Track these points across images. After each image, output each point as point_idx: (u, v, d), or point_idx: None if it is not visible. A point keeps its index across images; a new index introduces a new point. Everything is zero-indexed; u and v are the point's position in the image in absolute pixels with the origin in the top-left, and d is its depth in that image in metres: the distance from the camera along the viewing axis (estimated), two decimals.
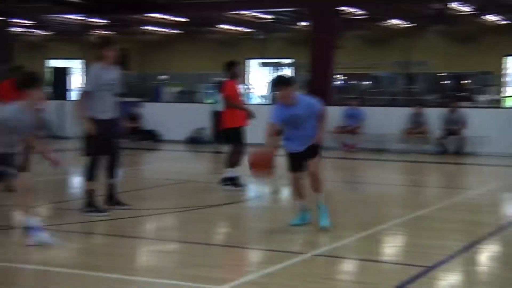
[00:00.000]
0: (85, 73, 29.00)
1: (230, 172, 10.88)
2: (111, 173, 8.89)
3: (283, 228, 8.26)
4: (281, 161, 7.88)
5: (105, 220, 8.52)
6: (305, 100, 7.84)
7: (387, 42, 29.22)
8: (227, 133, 11.10)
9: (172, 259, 6.73)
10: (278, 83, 7.84)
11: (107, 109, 8.68)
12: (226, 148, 11.33)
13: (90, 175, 8.66)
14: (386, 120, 18.80)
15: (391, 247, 7.63)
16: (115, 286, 5.71)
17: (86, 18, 26.31)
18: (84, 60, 28.44)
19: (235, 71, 11.35)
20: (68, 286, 5.70)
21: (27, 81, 7.15)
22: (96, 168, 8.70)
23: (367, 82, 30.14)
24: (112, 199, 8.97)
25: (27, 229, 6.89)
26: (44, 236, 6.88)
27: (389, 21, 28.19)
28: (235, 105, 10.91)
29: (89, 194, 8.66)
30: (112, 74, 8.80)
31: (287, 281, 5.85)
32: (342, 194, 11.23)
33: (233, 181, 10.84)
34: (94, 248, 7.25)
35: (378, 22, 28.54)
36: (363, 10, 25.23)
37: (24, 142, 7.39)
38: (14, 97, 10.20)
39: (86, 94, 8.69)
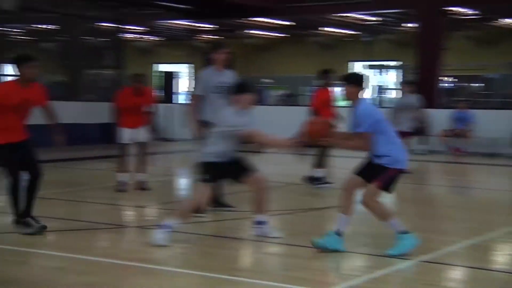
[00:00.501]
0: (193, 77, 29.59)
1: (317, 172, 11.17)
2: None
3: (387, 232, 8.14)
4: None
5: (212, 221, 8.67)
6: None
7: (498, 42, 28.30)
8: None
9: (276, 261, 6.77)
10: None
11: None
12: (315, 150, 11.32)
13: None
14: (497, 124, 18.20)
15: (502, 255, 7.38)
16: (219, 286, 5.78)
17: (193, 24, 26.87)
18: (191, 64, 29.02)
19: (328, 80, 11.37)
20: (173, 285, 5.81)
21: (241, 87, 7.51)
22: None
23: (477, 84, 29.30)
24: (218, 201, 9.10)
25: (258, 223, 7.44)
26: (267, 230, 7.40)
27: (500, 20, 27.29)
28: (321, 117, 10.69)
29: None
30: (224, 77, 8.86)
31: (392, 286, 5.77)
32: (450, 199, 10.97)
33: (319, 181, 11.13)
34: (200, 249, 7.36)
35: (489, 22, 27.68)
36: (472, 9, 24.55)
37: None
38: (134, 103, 10.63)
39: (197, 97, 8.87)
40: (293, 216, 9.19)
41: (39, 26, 28.99)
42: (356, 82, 6.98)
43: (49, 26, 28.61)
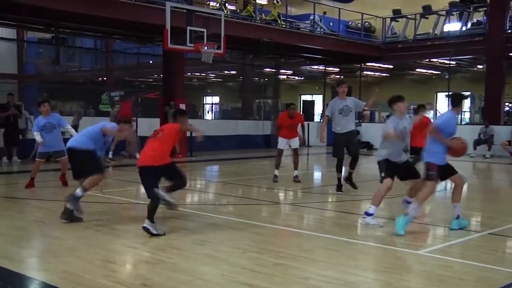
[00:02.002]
0: (325, 104, 29.51)
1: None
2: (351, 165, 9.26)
3: (465, 213, 7.70)
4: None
5: (334, 201, 8.62)
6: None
7: None
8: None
9: (381, 230, 6.57)
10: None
11: (342, 126, 8.99)
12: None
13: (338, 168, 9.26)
14: None
15: None
16: (340, 245, 5.70)
17: (325, 67, 26.72)
18: (323, 95, 28.91)
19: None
20: (310, 243, 5.80)
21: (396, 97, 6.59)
22: (338, 165, 9.25)
23: None
24: (350, 182, 9.37)
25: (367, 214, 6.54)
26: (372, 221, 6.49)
27: None
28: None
29: (339, 180, 9.32)
30: (345, 103, 8.97)
31: (465, 251, 5.46)
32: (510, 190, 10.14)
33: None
34: (325, 219, 7.30)
35: None
36: None
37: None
38: (289, 122, 10.70)
39: (327, 117, 9.11)
40: (395, 199, 8.87)
41: (226, 71, 30.09)
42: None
43: (232, 72, 29.59)
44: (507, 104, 27.21)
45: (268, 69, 26.44)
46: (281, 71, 28.28)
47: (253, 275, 4.48)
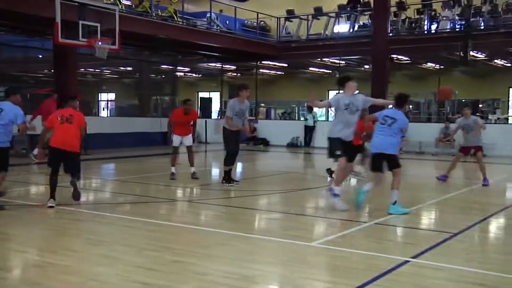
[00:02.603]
0: (222, 101, 29.62)
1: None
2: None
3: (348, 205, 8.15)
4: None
5: (232, 197, 8.69)
6: None
7: (424, 78, 28.17)
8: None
9: (276, 224, 6.76)
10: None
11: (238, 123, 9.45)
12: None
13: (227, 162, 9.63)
14: (423, 132, 18.22)
15: (428, 218, 7.35)
16: (237, 240, 5.74)
17: (222, 65, 26.85)
18: (220, 92, 29.02)
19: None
20: (209, 239, 5.81)
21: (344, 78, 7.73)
22: (228, 158, 9.64)
23: (411, 106, 29.08)
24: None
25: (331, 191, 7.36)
26: (338, 203, 7.27)
27: (425, 64, 27.17)
28: None
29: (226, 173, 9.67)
30: (243, 105, 9.53)
31: (355, 240, 5.76)
32: None
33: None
34: (223, 215, 7.35)
35: (418, 65, 27.56)
36: (407, 56, 24.45)
37: None
38: (183, 120, 10.55)
39: (227, 117, 9.47)
40: (289, 193, 9.15)
41: (122, 68, 29.12)
42: None
43: (128, 68, 28.70)
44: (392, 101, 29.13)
45: (165, 66, 25.99)
46: (178, 68, 27.95)
47: (149, 273, 4.38)
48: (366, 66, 26.12)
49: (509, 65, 26.34)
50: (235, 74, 32.79)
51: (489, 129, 17.35)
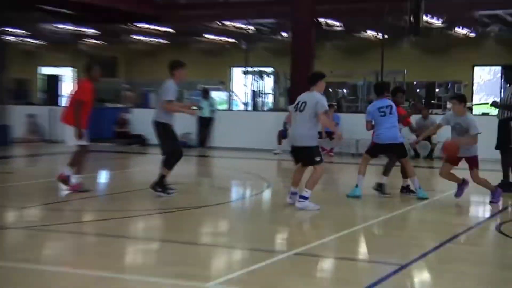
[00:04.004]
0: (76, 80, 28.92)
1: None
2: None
3: (267, 227, 8.27)
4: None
5: (90, 221, 8.52)
6: None
7: (363, 52, 29.35)
8: None
9: (157, 258, 6.70)
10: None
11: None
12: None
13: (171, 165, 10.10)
14: (360, 126, 18.78)
15: (367, 246, 7.63)
16: (101, 283, 5.65)
17: (76, 28, 26.19)
18: (75, 68, 28.31)
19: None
20: (56, 284, 5.63)
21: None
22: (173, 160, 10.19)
23: (345, 90, 30.23)
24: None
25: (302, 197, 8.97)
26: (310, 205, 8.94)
27: (364, 32, 28.33)
28: None
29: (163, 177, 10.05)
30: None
31: (267, 278, 5.84)
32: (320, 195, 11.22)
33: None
34: (82, 247, 7.19)
35: (354, 33, 28.68)
36: (340, 22, 25.33)
37: None
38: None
39: (170, 102, 10.09)
40: (175, 214, 9.12)
41: None
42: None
43: None
44: None
45: None
46: (7, 29, 26.77)
47: None
48: (284, 34, 26.74)
49: (473, 35, 28.10)
50: (97, 42, 32.17)
51: None
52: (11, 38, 30.20)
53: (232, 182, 13.39)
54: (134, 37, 30.67)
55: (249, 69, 29.62)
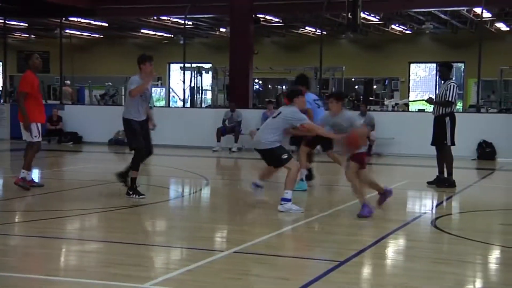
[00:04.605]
0: (8, 78, 28.29)
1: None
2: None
3: (206, 226, 8.29)
4: None
5: (25, 221, 8.38)
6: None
7: (302, 48, 29.62)
8: None
9: (94, 259, 6.64)
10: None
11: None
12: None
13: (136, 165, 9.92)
14: None
15: (305, 243, 7.73)
16: (37, 286, 5.57)
17: (4, 20, 25.51)
18: (2, 63, 27.61)
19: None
20: None
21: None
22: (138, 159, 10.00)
23: (284, 86, 30.45)
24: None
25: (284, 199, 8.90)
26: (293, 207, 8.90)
27: (303, 29, 28.59)
28: None
29: (134, 180, 9.91)
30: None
31: (205, 277, 5.86)
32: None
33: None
34: (13, 249, 7.05)
35: (293, 30, 28.92)
36: (279, 18, 25.51)
37: None
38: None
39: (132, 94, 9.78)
40: (112, 213, 9.04)
41: None
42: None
43: None
44: (256, 81, 30.23)
45: None
46: None
47: None
48: (223, 30, 26.77)
49: (409, 32, 28.75)
50: (27, 36, 31.49)
51: (385, 119, 18.91)
52: None
53: (171, 180, 13.34)
54: (67, 31, 30.17)
55: (187, 65, 29.51)
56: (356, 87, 31.51)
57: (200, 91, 28.96)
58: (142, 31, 29.90)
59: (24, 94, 10.26)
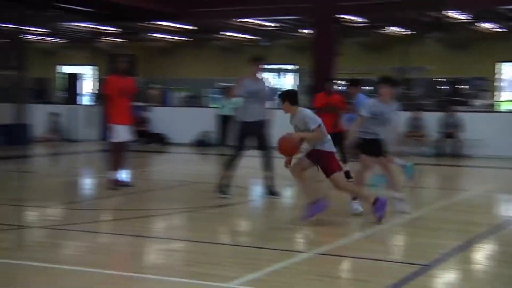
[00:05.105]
0: (100, 81, 29.06)
1: None
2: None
3: (288, 227, 8.28)
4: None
5: (114, 220, 8.59)
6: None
7: (386, 48, 29.21)
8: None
9: (179, 258, 6.75)
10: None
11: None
12: None
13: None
14: None
15: (390, 246, 7.63)
16: (124, 283, 5.71)
17: (96, 26, 26.36)
18: (95, 66, 28.45)
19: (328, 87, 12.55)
20: (75, 284, 5.69)
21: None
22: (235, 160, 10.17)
23: (367, 87, 30.08)
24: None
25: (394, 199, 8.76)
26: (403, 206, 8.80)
27: (387, 28, 28.20)
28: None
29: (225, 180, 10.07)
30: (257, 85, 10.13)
31: (289, 278, 5.87)
32: None
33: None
34: (101, 247, 7.26)
35: (377, 30, 28.56)
36: (362, 18, 25.26)
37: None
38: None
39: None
40: (197, 213, 9.17)
41: None
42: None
43: None
44: (340, 82, 29.93)
45: (5, 25, 25.01)
46: (27, 28, 27.00)
47: None
48: (305, 31, 26.70)
49: (498, 29, 27.83)
50: (117, 39, 32.34)
51: (473, 120, 18.43)
52: (30, 37, 30.47)
53: (252, 181, 13.40)
54: (153, 35, 30.82)
55: (269, 66, 29.61)
56: (442, 87, 30.78)
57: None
58: (226, 33, 30.18)
59: (107, 96, 10.53)
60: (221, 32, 29.80)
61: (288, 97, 8.15)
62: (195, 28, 28.20)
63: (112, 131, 10.52)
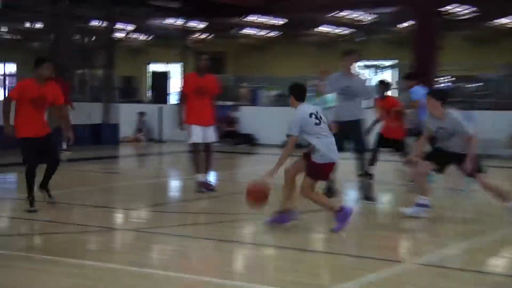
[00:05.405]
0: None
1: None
2: None
3: (385, 234, 8.17)
4: None
5: (201, 223, 8.73)
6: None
7: (495, 42, 28.36)
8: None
9: (268, 264, 6.76)
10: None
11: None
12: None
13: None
14: (493, 125, 18.16)
15: (501, 258, 7.38)
16: None
17: (185, 23, 26.82)
18: (183, 64, 28.92)
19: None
20: None
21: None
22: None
23: (474, 85, 29.27)
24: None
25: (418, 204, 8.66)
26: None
27: (496, 20, 27.37)
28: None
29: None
30: (351, 81, 10.06)
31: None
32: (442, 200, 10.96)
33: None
34: (188, 251, 7.35)
35: (485, 22, 27.76)
36: (468, 9, 24.64)
37: None
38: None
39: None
40: None
41: (28, 25, 28.92)
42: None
43: (37, 25, 28.47)
44: (444, 79, 29.28)
45: (95, 23, 25.82)
46: (116, 26, 27.80)
47: None
48: (405, 24, 26.29)
49: None
50: (205, 36, 32.81)
51: None
52: (119, 35, 31.32)
53: (347, 184, 13.29)
54: (243, 31, 31.07)
55: (367, 63, 29.33)
56: None
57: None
58: (319, 28, 30.07)
59: (183, 95, 10.65)
60: (314, 27, 29.73)
61: (294, 91, 8.14)
62: (286, 22, 28.24)
63: (188, 132, 10.59)
